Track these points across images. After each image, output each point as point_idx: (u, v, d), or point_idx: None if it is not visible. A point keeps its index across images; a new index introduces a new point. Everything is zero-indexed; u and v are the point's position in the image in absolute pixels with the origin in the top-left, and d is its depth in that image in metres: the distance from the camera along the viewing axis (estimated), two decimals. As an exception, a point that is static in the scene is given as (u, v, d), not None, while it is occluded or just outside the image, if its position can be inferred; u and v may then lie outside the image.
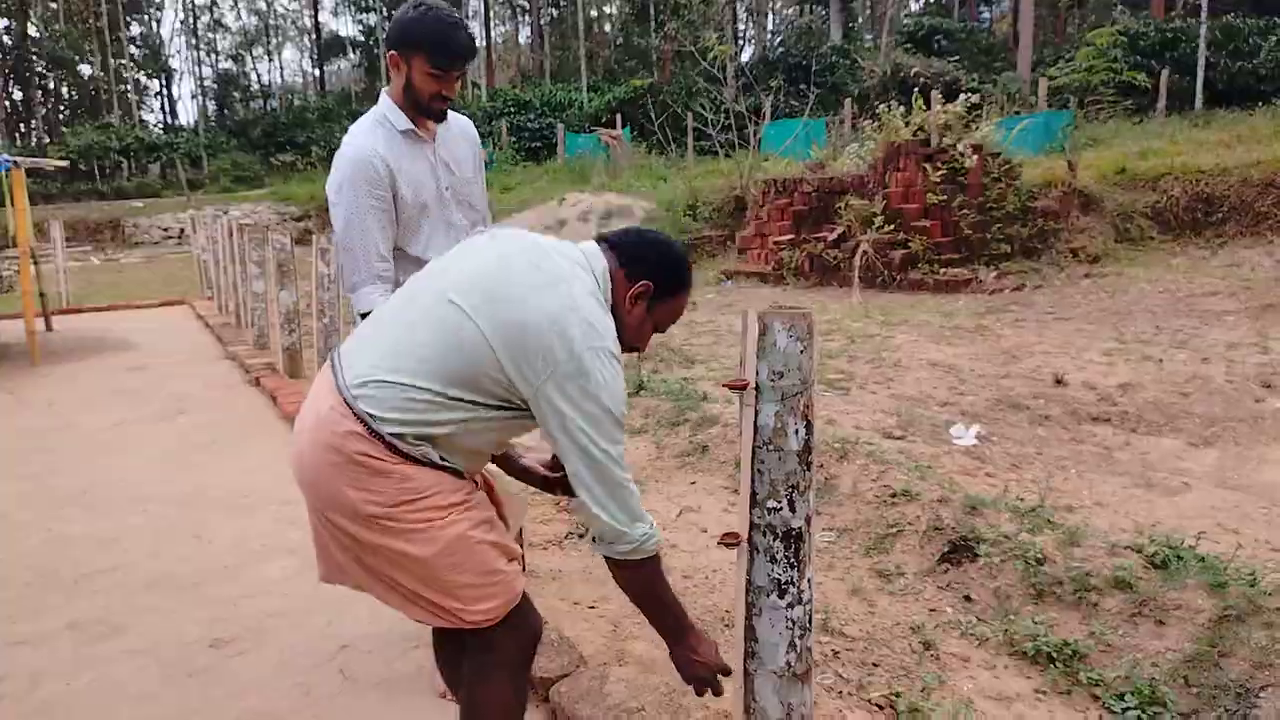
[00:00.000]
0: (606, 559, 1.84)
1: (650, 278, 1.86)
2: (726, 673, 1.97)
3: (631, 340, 1.92)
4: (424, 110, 2.49)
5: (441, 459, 1.77)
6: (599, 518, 1.75)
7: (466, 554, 1.77)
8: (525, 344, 1.67)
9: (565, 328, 1.67)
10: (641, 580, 1.85)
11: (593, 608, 3.22)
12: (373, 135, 2.49)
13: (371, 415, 1.72)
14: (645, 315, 1.89)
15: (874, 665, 2.81)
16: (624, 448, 1.77)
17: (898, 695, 2.63)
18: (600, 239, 1.94)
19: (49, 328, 10.72)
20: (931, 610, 3.13)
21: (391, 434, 1.72)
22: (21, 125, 49.39)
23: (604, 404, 1.69)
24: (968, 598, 3.16)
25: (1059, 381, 6.03)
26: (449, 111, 2.65)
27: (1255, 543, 3.49)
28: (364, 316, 2.49)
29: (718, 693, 1.98)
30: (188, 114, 75.56)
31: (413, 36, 2.43)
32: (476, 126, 2.94)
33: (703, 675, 1.94)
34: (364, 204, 2.44)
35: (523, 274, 1.73)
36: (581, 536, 3.90)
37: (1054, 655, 2.76)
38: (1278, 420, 5.14)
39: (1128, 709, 2.54)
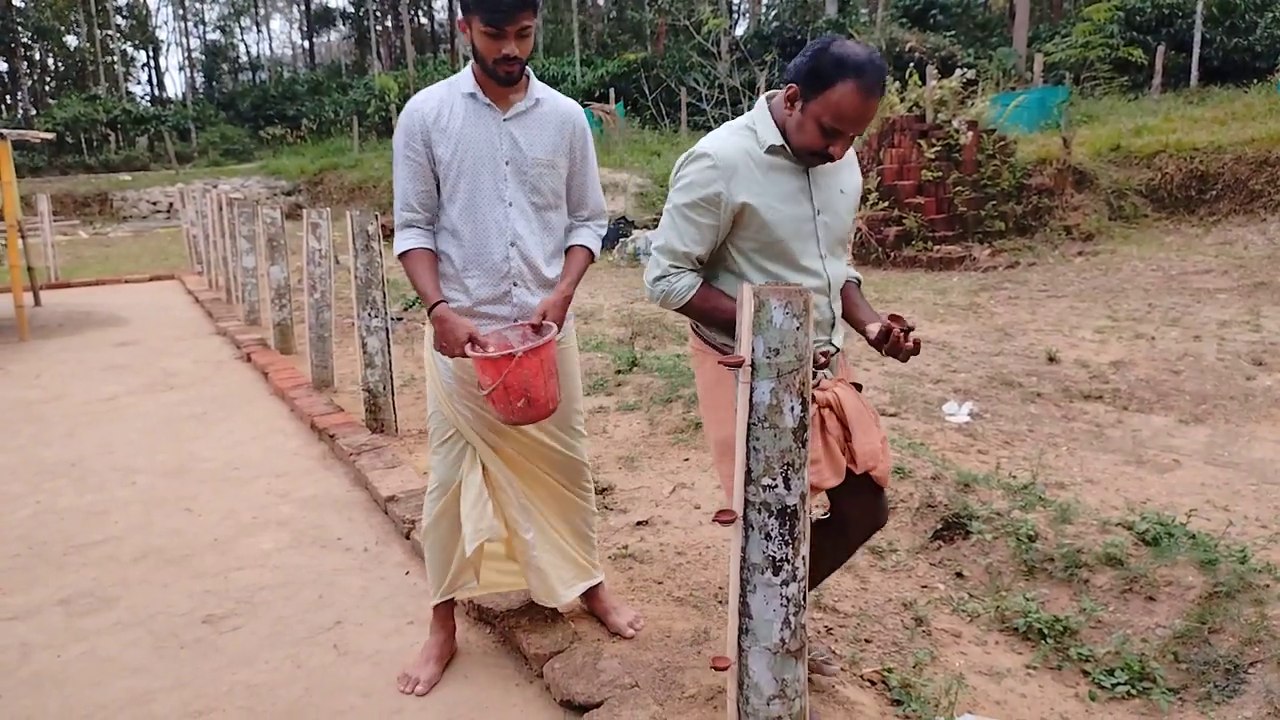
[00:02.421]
0: None
1: (794, 80, 2.05)
2: None
3: (796, 143, 2.09)
4: (491, 74, 2.37)
5: None
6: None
7: None
8: None
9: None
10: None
11: (586, 583, 3.22)
12: (432, 93, 2.47)
13: None
14: (801, 116, 2.05)
15: (866, 641, 2.82)
16: (681, 231, 2.16)
17: (889, 671, 2.64)
18: None
19: (37, 302, 10.63)
20: (923, 586, 3.14)
21: None
22: (7, 97, 48.76)
23: (671, 192, 2.20)
24: (959, 574, 3.17)
25: (1051, 359, 6.04)
26: (555, 95, 2.55)
27: (1245, 520, 3.51)
28: (401, 258, 2.49)
29: None
30: (175, 86, 74.70)
31: None
32: None
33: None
34: (400, 154, 2.44)
35: None
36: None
37: (1045, 631, 2.78)
38: (1268, 398, 5.16)
39: (1117, 684, 2.56)
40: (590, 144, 2.62)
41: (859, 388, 2.26)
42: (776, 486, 1.86)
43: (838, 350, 2.26)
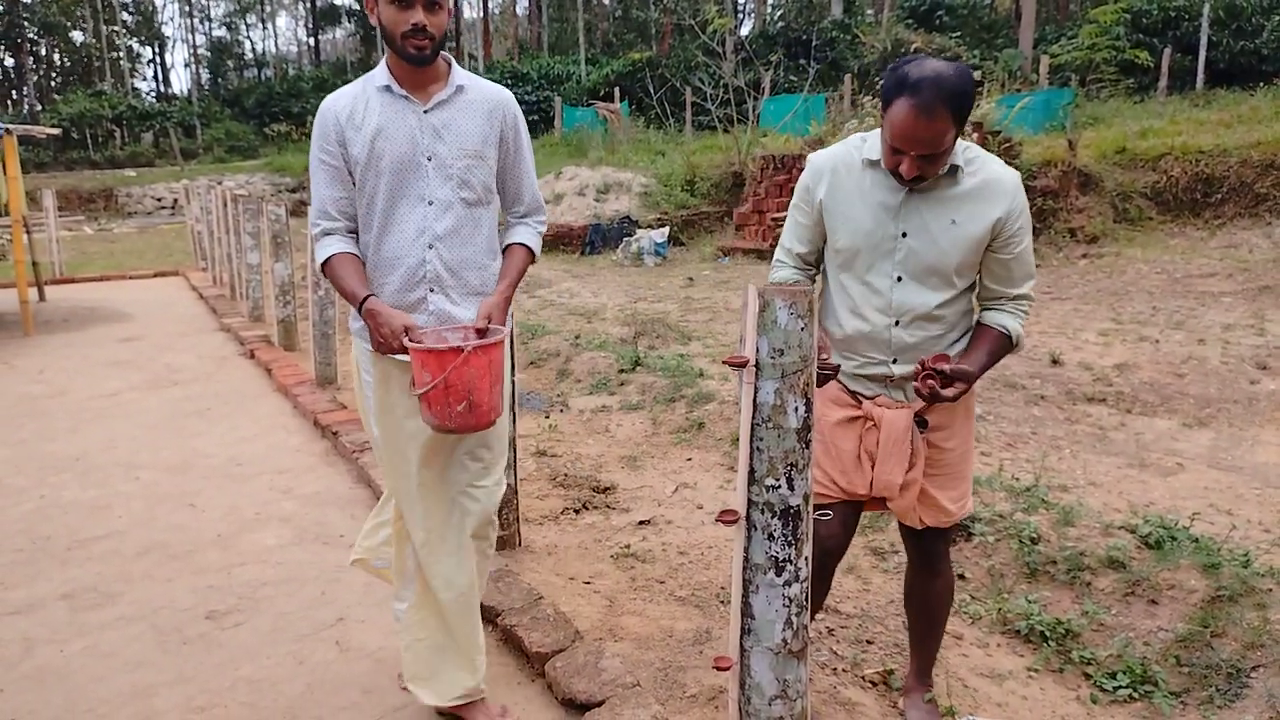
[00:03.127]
0: None
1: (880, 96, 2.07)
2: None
3: (884, 158, 2.08)
4: (401, 52, 2.16)
5: None
6: None
7: None
8: None
9: None
10: None
11: (588, 583, 3.22)
12: (345, 92, 2.31)
13: None
14: (885, 132, 2.04)
15: (868, 642, 2.82)
16: (788, 227, 2.26)
17: (891, 672, 2.65)
18: None
19: (42, 298, 10.65)
20: (925, 588, 3.13)
21: None
22: (13, 92, 48.83)
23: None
24: (962, 576, 3.17)
25: (1055, 362, 6.03)
26: (481, 82, 2.33)
27: (1248, 524, 3.50)
28: (322, 267, 2.31)
29: None
30: (181, 82, 74.67)
31: None
32: None
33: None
34: (315, 159, 2.28)
35: None
36: (578, 512, 3.90)
37: (1047, 634, 2.78)
38: (1272, 402, 5.15)
39: (1119, 687, 2.55)
40: (524, 134, 2.39)
41: (923, 424, 2.18)
42: (780, 487, 1.86)
43: (899, 376, 2.17)
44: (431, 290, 2.27)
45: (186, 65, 65.33)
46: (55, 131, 11.28)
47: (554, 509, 3.91)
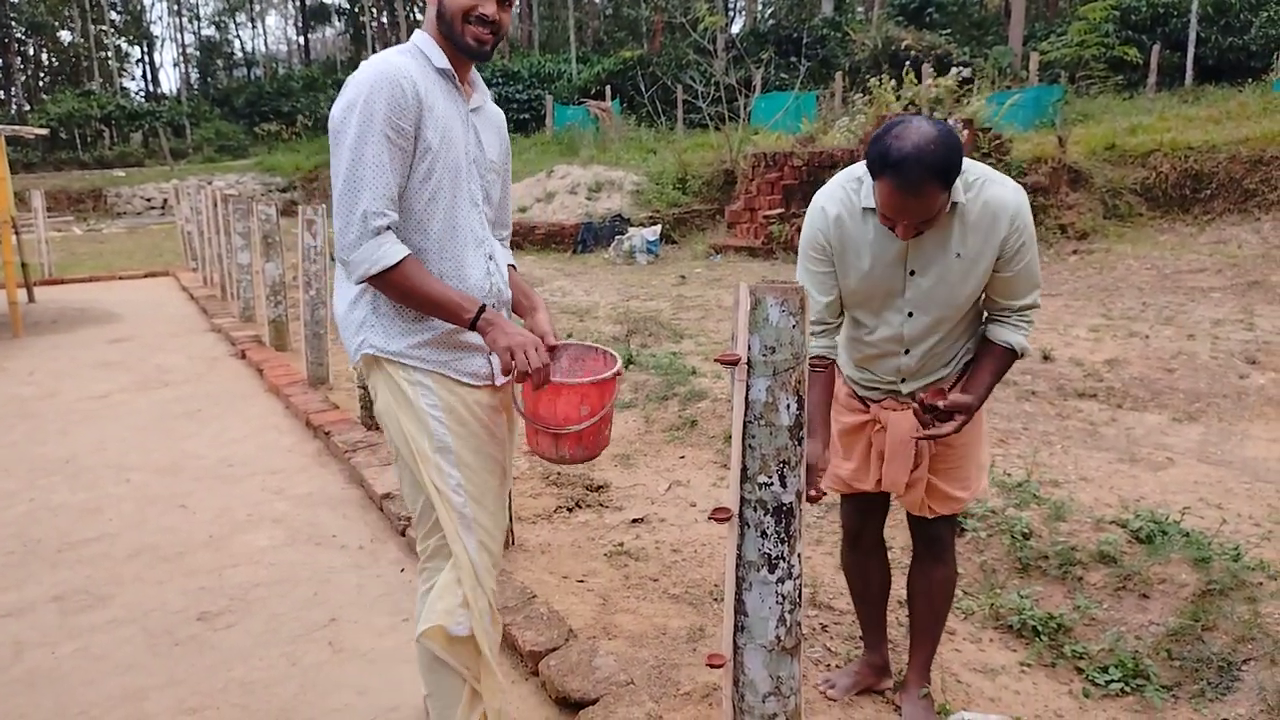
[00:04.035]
0: None
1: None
2: None
3: (879, 215, 2.03)
4: (458, 42, 1.89)
5: None
6: None
7: None
8: None
9: None
10: None
11: (582, 581, 3.22)
12: (407, 63, 1.88)
13: None
14: (875, 198, 2.01)
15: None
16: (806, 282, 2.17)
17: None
18: None
19: (31, 299, 10.58)
20: (918, 584, 3.14)
21: None
22: (1, 93, 48.54)
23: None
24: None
25: (1046, 358, 6.05)
26: (487, 99, 2.08)
27: (1239, 518, 3.52)
28: (388, 272, 1.82)
29: None
30: (170, 82, 74.44)
31: None
32: None
33: None
34: (380, 132, 1.80)
35: None
36: (571, 511, 3.90)
37: (1039, 628, 2.79)
38: (1261, 396, 5.17)
39: (1111, 681, 2.56)
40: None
41: (933, 410, 2.13)
42: (772, 484, 1.86)
43: (907, 394, 2.24)
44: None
45: (175, 65, 65.13)
46: (43, 132, 11.23)
47: (547, 507, 3.91)
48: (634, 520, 3.76)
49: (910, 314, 2.14)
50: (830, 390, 2.27)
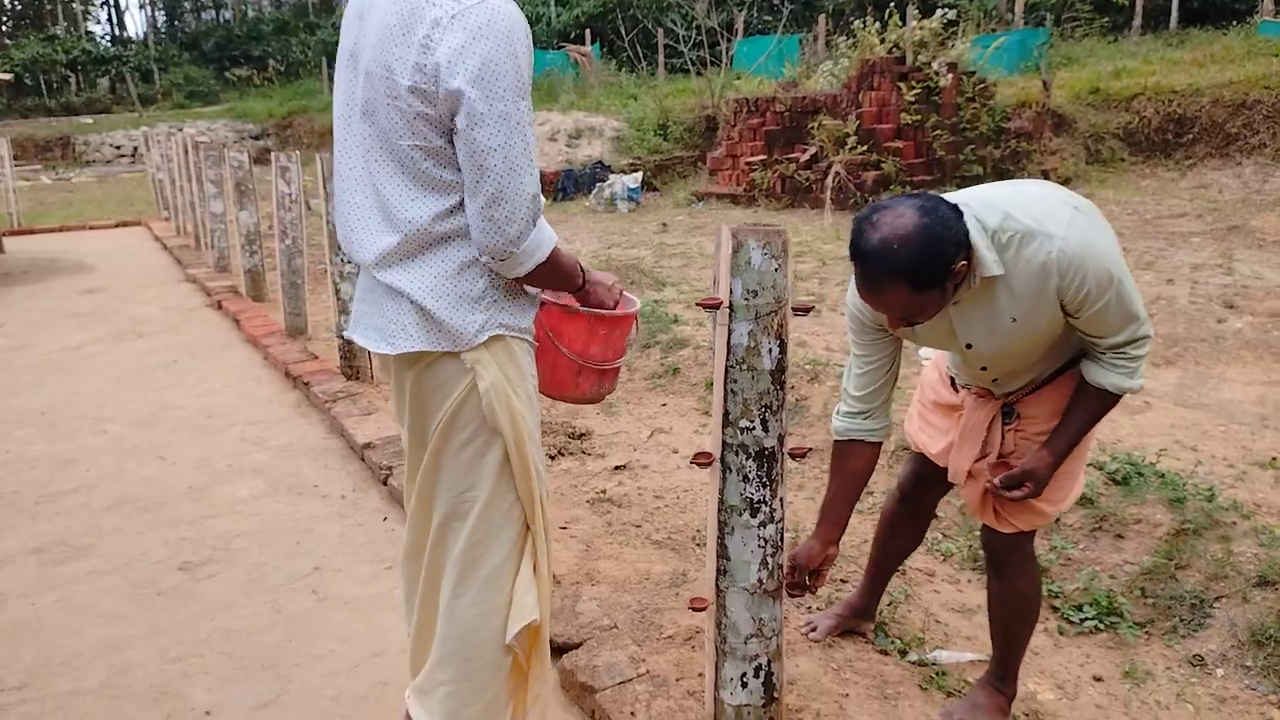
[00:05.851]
0: None
1: None
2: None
3: None
4: None
5: None
6: None
7: None
8: None
9: None
10: None
11: (565, 528, 3.23)
12: None
13: None
14: None
15: (842, 581, 2.86)
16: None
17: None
18: None
19: (0, 249, 10.38)
20: (898, 527, 3.17)
21: None
22: (-40, 36, 47.01)
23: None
24: (935, 515, 3.20)
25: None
26: None
27: (1213, 459, 3.56)
28: (554, 252, 1.66)
29: None
30: (136, 25, 72.33)
31: None
32: None
33: None
34: (529, 90, 1.60)
35: None
36: (553, 459, 3.90)
37: (1017, 569, 2.82)
38: (1238, 340, 5.21)
39: (1086, 619, 2.61)
40: None
41: (1009, 413, 2.04)
42: (754, 429, 1.86)
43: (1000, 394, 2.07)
44: None
45: (141, 7, 63.20)
46: (7, 78, 10.92)
47: (529, 456, 3.90)
48: (616, 467, 3.77)
49: (984, 368, 1.98)
50: (857, 482, 2.13)
